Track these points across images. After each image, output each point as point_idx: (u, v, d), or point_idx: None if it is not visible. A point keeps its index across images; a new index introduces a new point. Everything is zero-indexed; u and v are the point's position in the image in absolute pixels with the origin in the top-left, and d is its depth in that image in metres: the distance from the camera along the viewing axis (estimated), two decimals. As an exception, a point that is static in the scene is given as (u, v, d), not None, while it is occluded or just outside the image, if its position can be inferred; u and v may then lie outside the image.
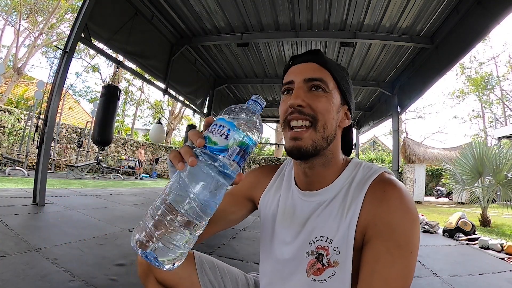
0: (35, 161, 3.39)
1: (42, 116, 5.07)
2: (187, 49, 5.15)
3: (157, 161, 14.11)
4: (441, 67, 4.01)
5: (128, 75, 19.56)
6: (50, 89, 3.20)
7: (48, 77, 10.43)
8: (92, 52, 15.19)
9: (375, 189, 0.53)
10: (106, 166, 10.44)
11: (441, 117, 57.45)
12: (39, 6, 14.45)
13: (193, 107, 6.36)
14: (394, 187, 0.52)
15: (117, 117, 7.43)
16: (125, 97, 21.05)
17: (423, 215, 4.22)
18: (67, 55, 3.05)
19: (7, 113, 8.84)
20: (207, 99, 6.61)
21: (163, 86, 5.16)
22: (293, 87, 0.58)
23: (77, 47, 4.90)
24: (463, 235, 3.37)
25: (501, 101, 19.33)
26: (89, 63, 17.87)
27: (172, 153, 0.42)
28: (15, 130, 8.92)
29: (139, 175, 11.60)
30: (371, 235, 0.50)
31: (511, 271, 2.17)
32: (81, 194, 4.31)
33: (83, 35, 3.26)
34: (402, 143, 11.49)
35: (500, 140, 10.49)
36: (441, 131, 44.48)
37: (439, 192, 12.79)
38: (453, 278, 1.86)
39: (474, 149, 5.29)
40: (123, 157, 12.92)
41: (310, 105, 0.56)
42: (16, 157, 7.91)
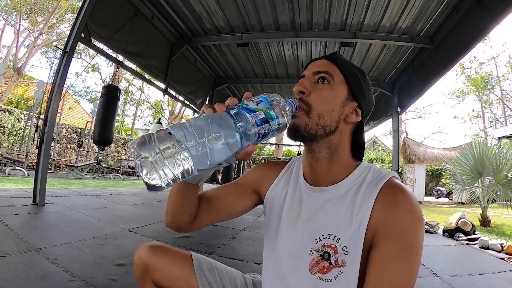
0: (35, 161, 3.39)
1: (42, 116, 5.09)
2: (187, 49, 5.16)
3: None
4: (441, 67, 4.01)
5: (128, 75, 19.57)
6: (50, 89, 3.20)
7: (48, 77, 10.47)
8: (92, 52, 15.17)
9: (386, 193, 0.55)
10: (106, 166, 10.45)
11: (441, 117, 57.69)
12: (39, 6, 14.46)
13: (193, 107, 6.36)
14: (404, 192, 0.54)
15: (117, 117, 7.43)
16: (125, 97, 21.07)
17: (423, 215, 4.21)
18: (67, 55, 3.05)
19: (7, 113, 8.85)
20: (207, 99, 6.61)
21: (163, 86, 5.16)
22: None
23: (77, 47, 4.90)
24: (463, 235, 3.37)
25: (501, 101, 19.33)
26: (89, 63, 17.86)
27: (205, 105, 0.46)
28: (15, 130, 8.93)
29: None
30: (381, 237, 0.51)
31: (511, 271, 2.16)
32: (81, 194, 4.31)
33: (83, 35, 3.26)
34: (402, 143, 11.48)
35: (500, 140, 10.49)
36: (441, 131, 44.32)
37: (439, 192, 12.79)
38: (453, 278, 1.86)
39: (474, 149, 5.29)
40: (123, 157, 12.93)
41: (311, 94, 0.59)
42: (16, 157, 7.91)
